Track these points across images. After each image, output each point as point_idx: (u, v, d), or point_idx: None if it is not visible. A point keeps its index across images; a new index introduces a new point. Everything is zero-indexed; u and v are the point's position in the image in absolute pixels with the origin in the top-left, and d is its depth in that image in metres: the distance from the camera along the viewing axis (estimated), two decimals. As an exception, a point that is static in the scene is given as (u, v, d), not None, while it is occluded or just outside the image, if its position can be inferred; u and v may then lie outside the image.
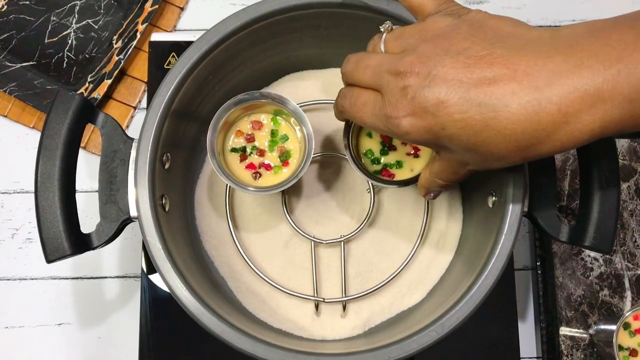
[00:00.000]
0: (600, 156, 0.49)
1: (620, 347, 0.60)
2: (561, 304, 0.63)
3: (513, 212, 0.48)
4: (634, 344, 0.60)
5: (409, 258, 0.57)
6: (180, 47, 0.67)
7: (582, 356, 0.62)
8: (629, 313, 0.59)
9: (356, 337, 0.56)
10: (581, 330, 0.63)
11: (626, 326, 0.60)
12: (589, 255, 0.64)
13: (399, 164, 0.54)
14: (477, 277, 0.47)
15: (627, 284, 0.64)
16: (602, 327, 0.62)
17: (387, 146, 0.54)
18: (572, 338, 0.63)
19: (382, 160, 0.54)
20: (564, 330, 0.63)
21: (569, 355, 0.62)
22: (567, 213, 0.65)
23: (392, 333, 0.50)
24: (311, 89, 0.61)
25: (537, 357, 0.64)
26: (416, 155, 0.54)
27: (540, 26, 0.73)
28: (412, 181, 0.52)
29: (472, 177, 0.43)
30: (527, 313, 0.65)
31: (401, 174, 0.53)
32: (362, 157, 0.54)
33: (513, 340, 0.60)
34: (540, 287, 0.63)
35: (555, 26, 0.73)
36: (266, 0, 0.51)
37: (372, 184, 0.57)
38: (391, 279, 0.57)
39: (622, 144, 0.67)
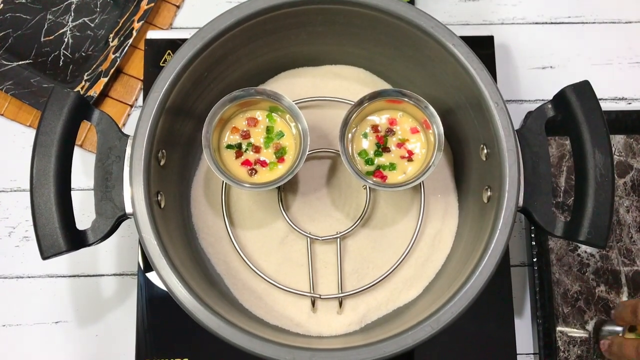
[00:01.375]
0: (595, 151, 0.49)
1: None
2: (558, 300, 0.63)
3: (508, 207, 0.48)
4: None
5: (405, 254, 0.57)
6: (176, 45, 0.67)
7: (578, 352, 0.62)
8: None
9: (352, 333, 0.56)
10: (578, 327, 0.63)
11: (632, 328, 0.59)
12: (585, 252, 0.64)
13: (392, 167, 0.53)
14: (472, 272, 0.47)
15: (623, 280, 0.64)
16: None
17: (382, 147, 0.54)
18: (568, 334, 0.63)
19: (376, 161, 0.54)
20: (561, 327, 0.63)
21: (566, 351, 0.62)
22: (563, 209, 0.65)
23: (388, 329, 0.50)
24: (306, 86, 0.61)
25: (534, 353, 0.64)
26: (410, 159, 0.54)
27: (536, 23, 0.73)
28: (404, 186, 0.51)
29: (468, 173, 0.43)
30: (523, 309, 0.65)
31: (393, 177, 0.53)
32: (356, 157, 0.54)
33: (510, 337, 0.60)
34: (536, 284, 0.63)
35: (552, 23, 0.74)
36: (260, -3, 0.51)
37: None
38: (387, 275, 0.57)
39: (617, 140, 0.67)
